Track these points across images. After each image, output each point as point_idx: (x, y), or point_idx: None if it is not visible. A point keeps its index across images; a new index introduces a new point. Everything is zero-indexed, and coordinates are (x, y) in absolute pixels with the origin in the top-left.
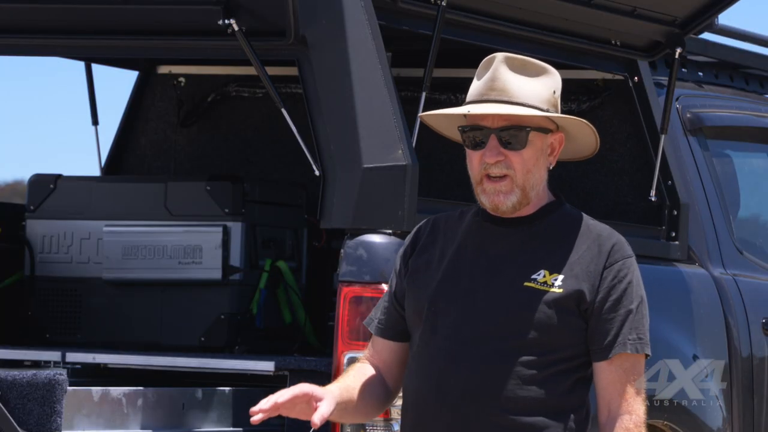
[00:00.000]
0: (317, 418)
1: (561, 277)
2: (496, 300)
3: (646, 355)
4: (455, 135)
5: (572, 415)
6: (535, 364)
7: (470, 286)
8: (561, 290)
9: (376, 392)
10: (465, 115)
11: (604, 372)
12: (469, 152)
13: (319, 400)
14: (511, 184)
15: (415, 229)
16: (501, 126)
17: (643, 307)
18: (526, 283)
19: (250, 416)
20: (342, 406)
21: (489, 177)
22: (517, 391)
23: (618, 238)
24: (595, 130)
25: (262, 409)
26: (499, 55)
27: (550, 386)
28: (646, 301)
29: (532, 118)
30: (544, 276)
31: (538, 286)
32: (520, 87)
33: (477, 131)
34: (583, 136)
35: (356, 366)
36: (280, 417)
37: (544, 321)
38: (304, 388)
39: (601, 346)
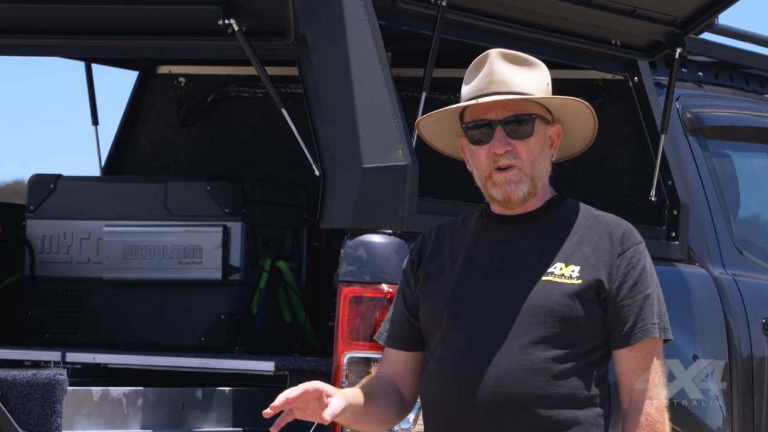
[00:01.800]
0: (327, 414)
1: (578, 268)
2: (516, 297)
3: (665, 340)
4: (448, 143)
5: (599, 408)
6: (564, 359)
7: (488, 286)
8: (580, 281)
9: (392, 401)
10: (462, 114)
11: (625, 359)
12: (473, 149)
13: (329, 396)
14: (520, 174)
15: (419, 239)
16: (506, 117)
17: (659, 292)
18: (544, 278)
19: (264, 417)
20: (354, 409)
21: (497, 169)
22: (547, 387)
23: (627, 225)
24: (594, 113)
25: (274, 406)
26: (493, 51)
27: (578, 380)
28: (659, 286)
29: (535, 107)
30: (561, 268)
31: (556, 279)
32: (519, 78)
33: (482, 125)
34: (580, 125)
35: (370, 377)
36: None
37: (566, 313)
38: (315, 384)
39: (621, 333)
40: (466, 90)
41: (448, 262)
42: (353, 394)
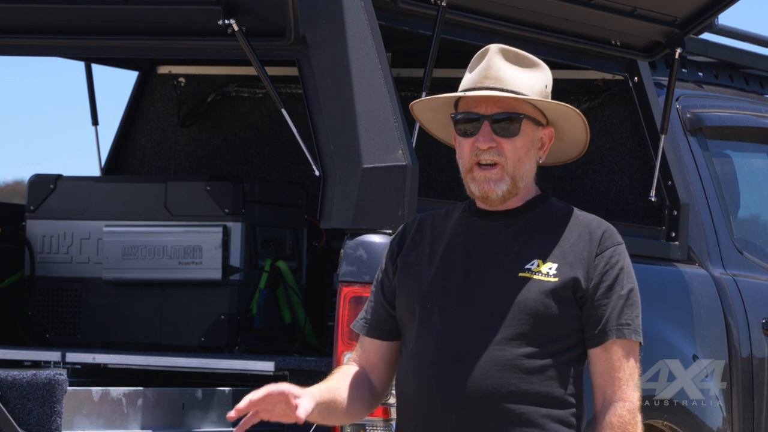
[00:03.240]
0: (301, 412)
1: (555, 265)
2: (491, 293)
3: (640, 343)
4: (440, 130)
5: (573, 408)
6: (537, 356)
7: (464, 281)
8: (556, 279)
9: (362, 393)
10: (456, 104)
11: (599, 359)
12: (460, 140)
13: (297, 397)
14: (502, 173)
15: (400, 228)
16: (494, 113)
17: (635, 294)
18: (520, 274)
19: (228, 421)
20: (324, 406)
21: (479, 165)
22: (519, 384)
23: (607, 226)
24: (585, 121)
25: (238, 408)
26: (493, 46)
27: (551, 378)
28: (638, 289)
29: (525, 107)
30: (538, 265)
31: (532, 276)
32: (514, 77)
33: (470, 118)
34: (572, 130)
35: (341, 368)
36: None
37: (541, 310)
38: (280, 386)
39: (594, 332)
40: (464, 80)
41: (427, 254)
42: (320, 392)
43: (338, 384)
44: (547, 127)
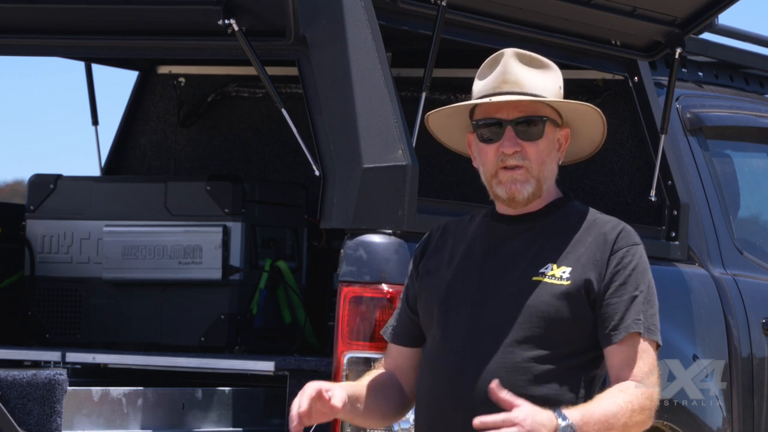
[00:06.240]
0: (337, 402)
1: (568, 269)
2: (505, 296)
3: (658, 346)
4: (454, 138)
5: None
6: (547, 360)
7: (480, 284)
8: (569, 282)
9: (392, 396)
10: (472, 111)
11: (615, 353)
12: (482, 146)
13: (328, 390)
14: (527, 174)
15: (426, 235)
16: (517, 117)
17: (650, 294)
18: (534, 278)
19: None
20: (353, 401)
21: (504, 168)
22: (527, 386)
23: (624, 227)
24: (604, 119)
25: (296, 429)
26: (508, 51)
27: (563, 382)
28: (654, 289)
29: (546, 110)
30: (552, 269)
31: (546, 280)
32: (532, 80)
33: (493, 123)
34: (589, 130)
35: (370, 372)
36: (280, 417)
37: (553, 314)
38: (313, 385)
39: (607, 330)
40: (478, 86)
41: (447, 258)
42: (351, 387)
43: (370, 384)
44: (563, 127)
